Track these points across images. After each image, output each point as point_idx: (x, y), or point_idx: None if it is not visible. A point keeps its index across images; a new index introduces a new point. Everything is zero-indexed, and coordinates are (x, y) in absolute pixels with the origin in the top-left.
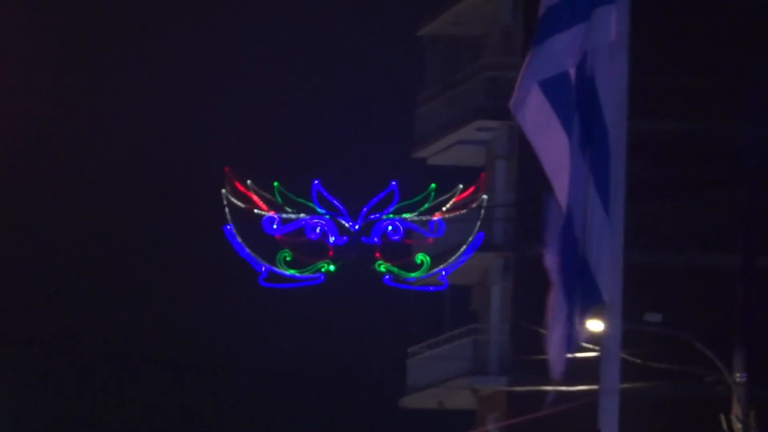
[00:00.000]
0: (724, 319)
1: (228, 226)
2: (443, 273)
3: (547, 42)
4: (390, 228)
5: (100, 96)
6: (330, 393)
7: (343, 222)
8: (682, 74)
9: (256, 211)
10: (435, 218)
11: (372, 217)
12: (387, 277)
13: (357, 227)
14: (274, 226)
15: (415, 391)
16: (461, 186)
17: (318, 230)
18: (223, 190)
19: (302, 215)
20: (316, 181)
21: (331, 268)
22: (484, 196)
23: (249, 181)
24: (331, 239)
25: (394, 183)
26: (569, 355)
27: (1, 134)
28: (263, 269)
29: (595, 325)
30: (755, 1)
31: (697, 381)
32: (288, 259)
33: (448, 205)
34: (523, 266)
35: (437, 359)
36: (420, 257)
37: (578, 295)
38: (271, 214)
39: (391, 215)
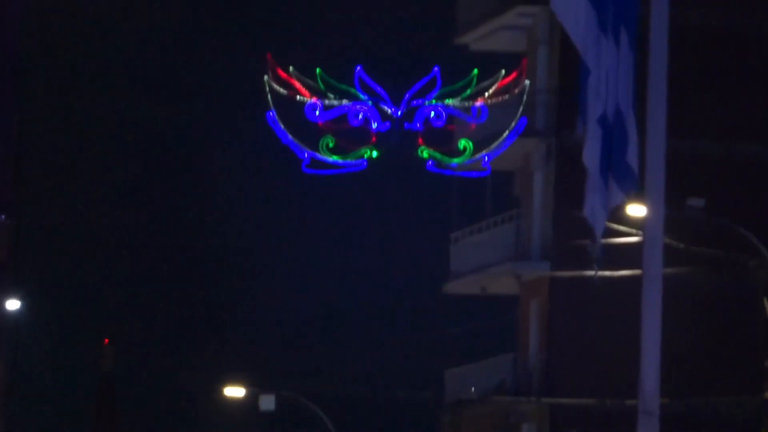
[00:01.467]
0: (767, 206)
1: (270, 113)
2: (486, 159)
3: None
4: (432, 114)
5: None
6: (372, 279)
7: (386, 108)
8: None
9: (298, 97)
10: (477, 104)
11: (414, 102)
12: (430, 162)
13: (399, 113)
14: (317, 113)
15: (458, 277)
16: (503, 71)
17: (360, 116)
18: (266, 77)
19: (345, 101)
20: (358, 67)
21: (374, 154)
22: (527, 82)
23: (291, 68)
24: (374, 125)
25: (436, 68)
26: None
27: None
28: (305, 155)
29: (637, 210)
30: None
31: (740, 266)
32: (330, 145)
33: (490, 91)
34: (565, 152)
35: (480, 245)
36: (463, 143)
37: (610, 179)
38: (314, 100)
39: (434, 101)
